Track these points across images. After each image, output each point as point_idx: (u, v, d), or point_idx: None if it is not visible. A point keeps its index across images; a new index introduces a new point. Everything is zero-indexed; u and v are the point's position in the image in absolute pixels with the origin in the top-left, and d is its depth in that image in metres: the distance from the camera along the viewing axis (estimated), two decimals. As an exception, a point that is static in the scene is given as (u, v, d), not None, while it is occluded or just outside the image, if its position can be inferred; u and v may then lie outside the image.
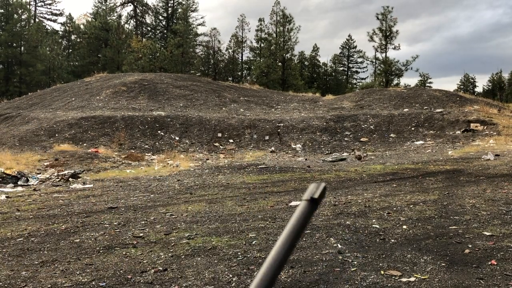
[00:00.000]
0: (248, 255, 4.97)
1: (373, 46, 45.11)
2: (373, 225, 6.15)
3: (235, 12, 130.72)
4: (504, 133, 19.40)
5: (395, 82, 46.22)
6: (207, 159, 17.93)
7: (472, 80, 70.77)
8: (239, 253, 5.05)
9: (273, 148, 20.19)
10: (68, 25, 60.13)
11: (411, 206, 7.37)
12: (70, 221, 7.23)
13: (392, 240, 5.41)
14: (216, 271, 4.47)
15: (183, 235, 5.95)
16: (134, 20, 62.59)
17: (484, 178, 10.21)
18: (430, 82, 60.86)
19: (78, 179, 12.98)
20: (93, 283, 4.30)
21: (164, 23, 60.33)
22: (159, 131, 20.98)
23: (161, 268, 4.62)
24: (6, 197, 10.15)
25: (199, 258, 4.92)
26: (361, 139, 21.05)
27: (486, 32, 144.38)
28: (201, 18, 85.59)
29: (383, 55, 45.27)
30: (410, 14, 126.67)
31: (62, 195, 10.23)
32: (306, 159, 17.40)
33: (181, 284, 4.17)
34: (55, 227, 6.86)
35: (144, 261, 4.90)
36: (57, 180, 12.90)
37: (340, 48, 65.30)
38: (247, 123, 22.34)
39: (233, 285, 4.12)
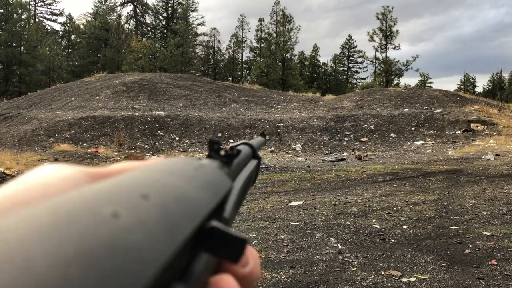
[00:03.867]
0: (248, 255, 4.95)
1: (373, 46, 45.18)
2: (373, 225, 6.14)
3: (236, 12, 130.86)
4: (504, 133, 19.39)
5: (395, 82, 46.25)
6: (207, 159, 17.91)
7: (472, 80, 70.91)
8: (239, 253, 5.03)
9: (273, 148, 20.19)
10: (68, 25, 60.20)
11: (411, 206, 7.36)
12: (70, 221, 7.22)
13: (392, 240, 5.40)
14: (216, 271, 4.46)
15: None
16: (134, 20, 62.61)
17: (484, 178, 10.20)
18: (430, 82, 60.99)
19: (78, 179, 12.97)
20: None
21: (164, 23, 60.36)
22: (159, 131, 20.98)
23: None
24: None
25: (199, 258, 4.90)
26: (361, 139, 21.05)
27: (488, 31, 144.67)
28: (201, 18, 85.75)
29: (383, 55, 45.29)
30: (413, 14, 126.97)
31: (61, 195, 10.22)
32: (306, 159, 17.39)
33: (181, 284, 4.15)
34: (54, 227, 6.85)
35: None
36: (57, 180, 12.89)
37: (340, 48, 65.42)
38: (247, 123, 22.34)
39: (233, 285, 4.10)
